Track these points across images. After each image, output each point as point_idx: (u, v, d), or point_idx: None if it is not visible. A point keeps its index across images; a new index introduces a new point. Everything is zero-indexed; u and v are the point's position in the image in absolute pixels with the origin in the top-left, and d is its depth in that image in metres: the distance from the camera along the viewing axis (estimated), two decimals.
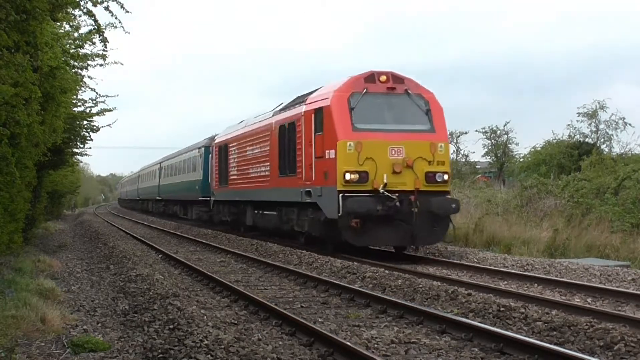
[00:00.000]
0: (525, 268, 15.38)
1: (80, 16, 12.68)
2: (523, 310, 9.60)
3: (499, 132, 53.01)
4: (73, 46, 15.71)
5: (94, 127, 22.26)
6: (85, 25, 14.99)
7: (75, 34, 15.77)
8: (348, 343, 7.72)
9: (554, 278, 13.34)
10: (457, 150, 54.21)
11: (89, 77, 23.33)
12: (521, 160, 47.25)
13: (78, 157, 31.06)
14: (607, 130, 40.94)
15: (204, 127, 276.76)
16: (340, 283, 12.82)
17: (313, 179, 17.93)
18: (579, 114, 41.29)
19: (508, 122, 60.85)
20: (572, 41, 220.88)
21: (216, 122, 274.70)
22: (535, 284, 12.94)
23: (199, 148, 36.78)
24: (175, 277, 14.31)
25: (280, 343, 8.22)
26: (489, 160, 55.58)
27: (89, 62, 16.45)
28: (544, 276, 13.76)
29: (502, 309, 9.84)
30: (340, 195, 16.34)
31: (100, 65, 16.67)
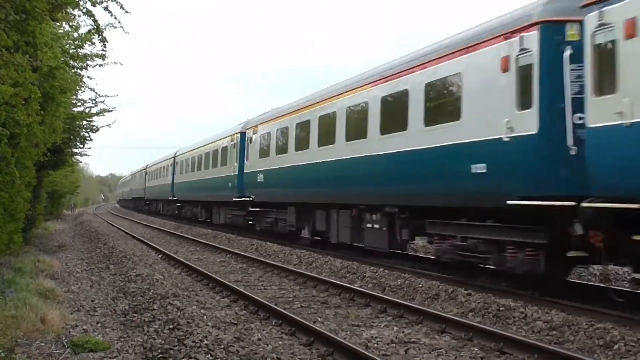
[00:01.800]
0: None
1: (79, 16, 12.64)
2: (523, 309, 9.60)
3: None
4: (72, 46, 15.69)
5: (94, 127, 22.28)
6: (85, 25, 14.97)
7: (75, 34, 15.76)
8: (348, 343, 7.72)
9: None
10: None
11: (88, 77, 23.30)
12: None
13: (78, 157, 31.08)
14: None
15: (204, 127, 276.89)
16: (340, 283, 12.83)
17: None
18: None
19: None
20: None
21: (215, 122, 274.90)
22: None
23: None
24: (175, 277, 14.31)
25: (280, 343, 8.22)
26: None
27: (89, 62, 16.45)
28: None
29: (501, 308, 9.84)
30: None
31: (100, 65, 16.67)
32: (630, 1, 8.65)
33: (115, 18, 10.46)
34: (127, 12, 10.00)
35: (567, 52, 10.05)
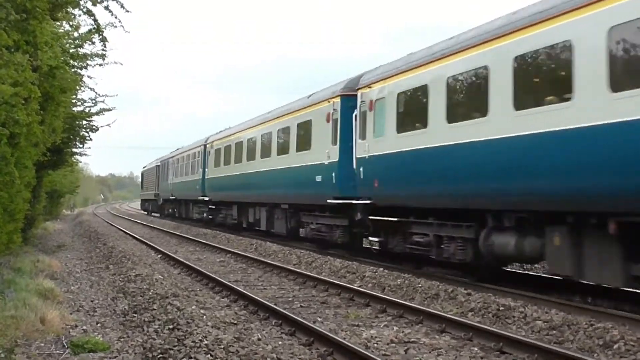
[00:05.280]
0: (525, 267, 15.38)
1: (80, 15, 12.66)
2: (522, 309, 9.60)
3: None
4: (73, 46, 15.68)
5: (94, 127, 22.23)
6: (85, 24, 14.97)
7: (75, 34, 15.74)
8: (348, 343, 7.72)
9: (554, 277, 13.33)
10: None
11: (88, 76, 23.28)
12: None
13: (77, 157, 31.01)
14: None
15: (203, 127, 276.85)
16: (340, 282, 12.83)
17: None
18: None
19: None
20: None
21: (215, 122, 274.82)
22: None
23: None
24: (175, 277, 14.30)
25: (280, 343, 8.22)
26: None
27: (89, 62, 16.43)
28: (543, 275, 13.75)
29: (501, 308, 9.84)
30: None
31: (100, 65, 16.65)
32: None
33: (115, 17, 10.46)
34: (127, 11, 10.01)
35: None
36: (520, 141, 10.66)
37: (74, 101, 19.78)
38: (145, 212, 60.18)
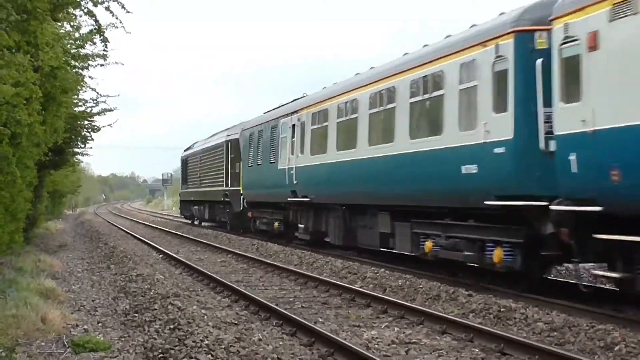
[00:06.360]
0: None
1: (81, 16, 12.67)
2: (524, 310, 9.59)
3: None
4: (74, 46, 15.69)
5: (95, 127, 22.20)
6: (86, 25, 14.97)
7: (76, 34, 15.76)
8: (348, 343, 7.72)
9: (554, 278, 13.32)
10: None
11: (89, 77, 23.17)
12: None
13: (79, 157, 31.01)
14: None
15: (204, 127, 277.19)
16: (341, 283, 12.83)
17: None
18: None
19: None
20: None
21: (215, 122, 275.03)
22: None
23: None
24: (176, 277, 14.32)
25: (281, 343, 8.22)
26: None
27: (90, 62, 16.43)
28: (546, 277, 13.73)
29: (502, 309, 9.84)
30: None
31: (101, 65, 16.65)
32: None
33: (116, 18, 10.44)
34: (128, 12, 10.00)
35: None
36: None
37: (75, 101, 19.78)
38: (189, 221, 38.77)
